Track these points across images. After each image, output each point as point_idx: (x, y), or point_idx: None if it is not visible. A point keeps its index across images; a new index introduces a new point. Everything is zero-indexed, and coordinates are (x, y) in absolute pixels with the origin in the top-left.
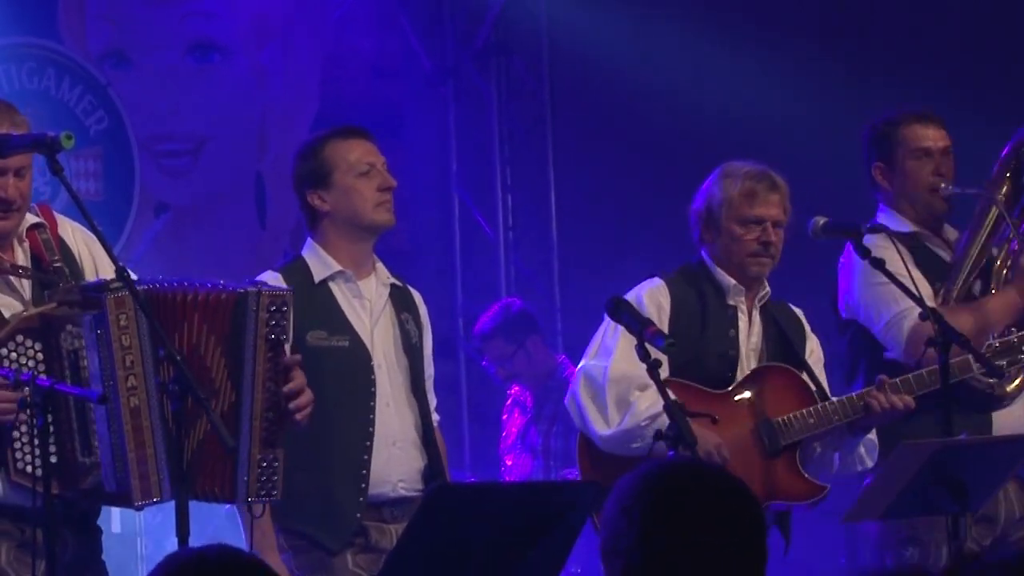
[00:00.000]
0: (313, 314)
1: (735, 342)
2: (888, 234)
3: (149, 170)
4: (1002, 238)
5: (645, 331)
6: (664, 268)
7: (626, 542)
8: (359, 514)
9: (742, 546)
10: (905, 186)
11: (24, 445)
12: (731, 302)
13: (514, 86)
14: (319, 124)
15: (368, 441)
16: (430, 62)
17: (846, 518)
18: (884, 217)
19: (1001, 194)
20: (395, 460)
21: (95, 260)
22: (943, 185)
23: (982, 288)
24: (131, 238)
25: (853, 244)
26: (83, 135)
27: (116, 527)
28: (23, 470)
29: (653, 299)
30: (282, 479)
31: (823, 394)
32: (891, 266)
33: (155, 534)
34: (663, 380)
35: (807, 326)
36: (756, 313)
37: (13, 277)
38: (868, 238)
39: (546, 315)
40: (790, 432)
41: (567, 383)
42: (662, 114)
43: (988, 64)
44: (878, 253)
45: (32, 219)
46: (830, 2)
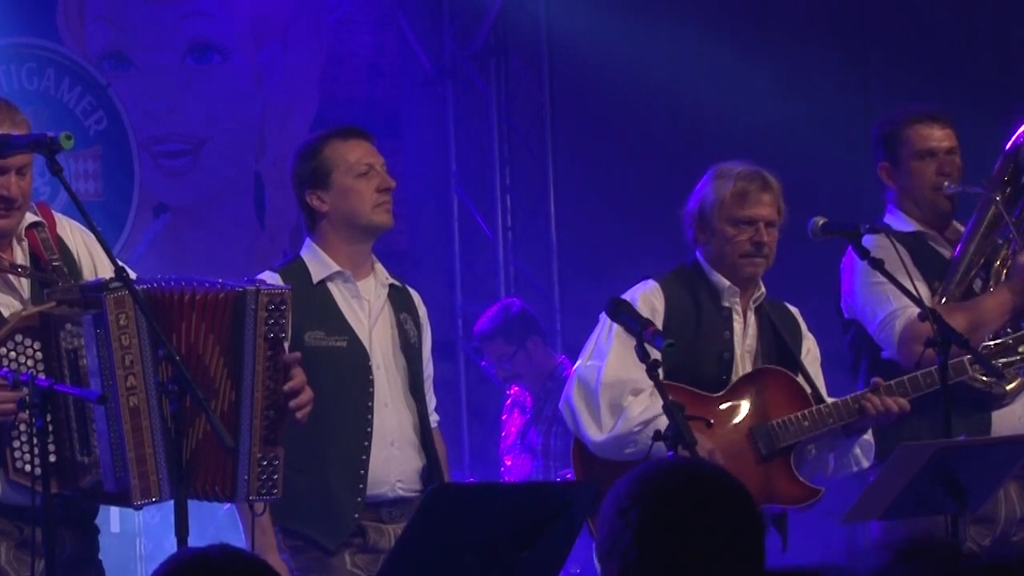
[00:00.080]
0: (311, 314)
1: (730, 344)
2: (888, 234)
3: (148, 170)
4: (1002, 237)
5: (645, 331)
6: (664, 268)
7: (623, 544)
8: (357, 514)
9: (740, 547)
10: (910, 186)
11: (23, 444)
12: (726, 304)
13: (513, 86)
14: (318, 124)
15: (366, 441)
16: (429, 62)
17: (846, 518)
18: (891, 216)
19: (1002, 194)
20: (393, 460)
21: (94, 259)
22: (946, 184)
23: (983, 287)
24: (130, 238)
25: (852, 244)
26: (83, 135)
27: (115, 527)
28: (22, 469)
29: (647, 301)
30: (283, 477)
31: (818, 396)
32: (890, 266)
33: (154, 534)
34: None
35: (803, 325)
36: (751, 314)
37: (12, 276)
38: (867, 238)
39: (546, 315)
40: (785, 435)
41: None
42: (661, 114)
43: (988, 64)
44: (877, 253)
45: (31, 218)
46: (830, 2)
